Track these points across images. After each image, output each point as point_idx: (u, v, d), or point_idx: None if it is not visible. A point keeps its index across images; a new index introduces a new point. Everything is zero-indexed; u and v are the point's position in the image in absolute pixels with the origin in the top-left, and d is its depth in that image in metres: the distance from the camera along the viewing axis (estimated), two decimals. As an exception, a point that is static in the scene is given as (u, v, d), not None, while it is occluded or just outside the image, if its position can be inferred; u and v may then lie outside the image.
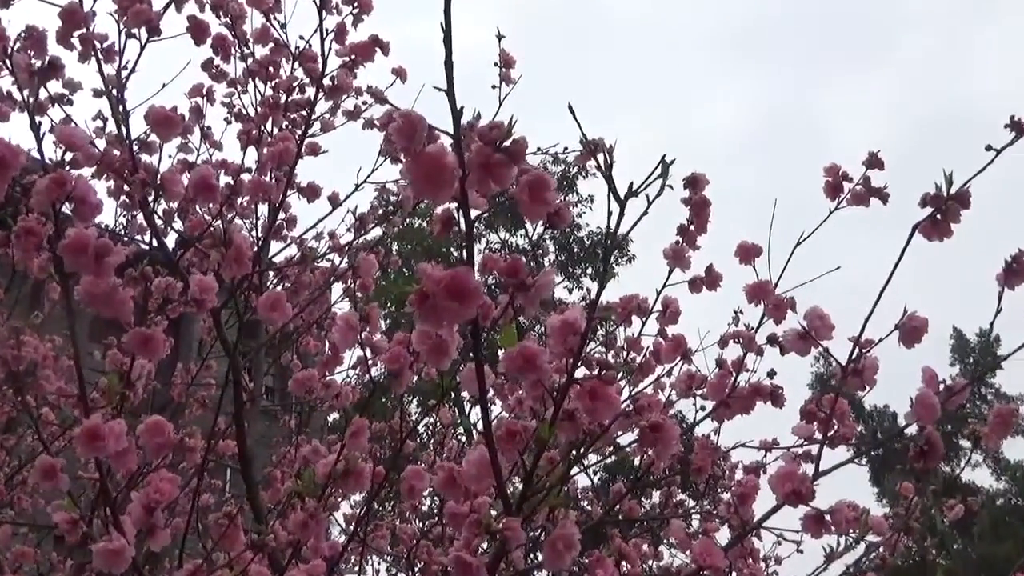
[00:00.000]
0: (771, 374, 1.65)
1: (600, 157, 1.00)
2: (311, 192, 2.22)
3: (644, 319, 1.75)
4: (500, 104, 2.25)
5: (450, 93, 0.81)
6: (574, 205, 14.27)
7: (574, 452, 1.37)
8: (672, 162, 0.98)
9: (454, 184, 0.78)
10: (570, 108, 0.96)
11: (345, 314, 1.26)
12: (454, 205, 0.84)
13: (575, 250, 14.04)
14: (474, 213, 0.82)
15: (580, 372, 0.95)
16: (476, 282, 0.78)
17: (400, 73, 2.47)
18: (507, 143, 0.77)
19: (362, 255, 1.63)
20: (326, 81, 1.98)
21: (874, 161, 1.61)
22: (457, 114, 0.80)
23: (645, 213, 0.99)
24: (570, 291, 13.92)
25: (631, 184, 0.95)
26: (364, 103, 2.61)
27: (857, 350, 1.23)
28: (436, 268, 0.80)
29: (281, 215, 2.23)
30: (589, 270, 13.97)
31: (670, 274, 1.64)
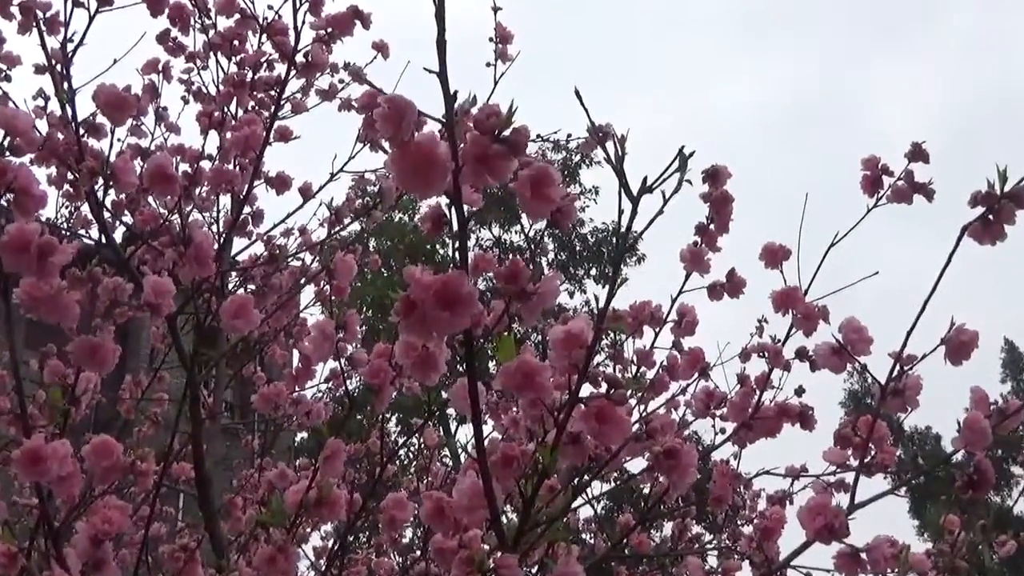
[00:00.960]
0: (799, 392, 1.65)
1: (609, 146, 1.01)
2: (280, 183, 2.23)
3: (657, 329, 1.75)
4: (495, 85, 2.27)
5: (442, 75, 0.81)
6: (577, 197, 14.32)
7: (577, 480, 1.38)
8: (691, 154, 0.99)
9: (446, 178, 0.79)
10: (576, 93, 0.97)
11: (320, 322, 1.27)
12: (445, 201, 0.85)
13: (577, 248, 14.08)
14: (469, 210, 0.83)
15: (585, 389, 0.96)
16: (470, 288, 0.79)
17: (381, 48, 2.48)
18: (506, 132, 0.78)
19: (338, 256, 1.63)
20: (298, 57, 1.99)
21: (918, 153, 1.62)
22: (450, 99, 0.81)
23: (660, 212, 1.00)
24: (571, 295, 13.96)
25: (645, 179, 0.96)
26: (341, 81, 2.63)
27: (898, 367, 1.24)
28: (425, 273, 0.81)
29: (246, 208, 2.23)
30: (593, 271, 14.01)
31: (687, 279, 1.65)
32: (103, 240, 1.94)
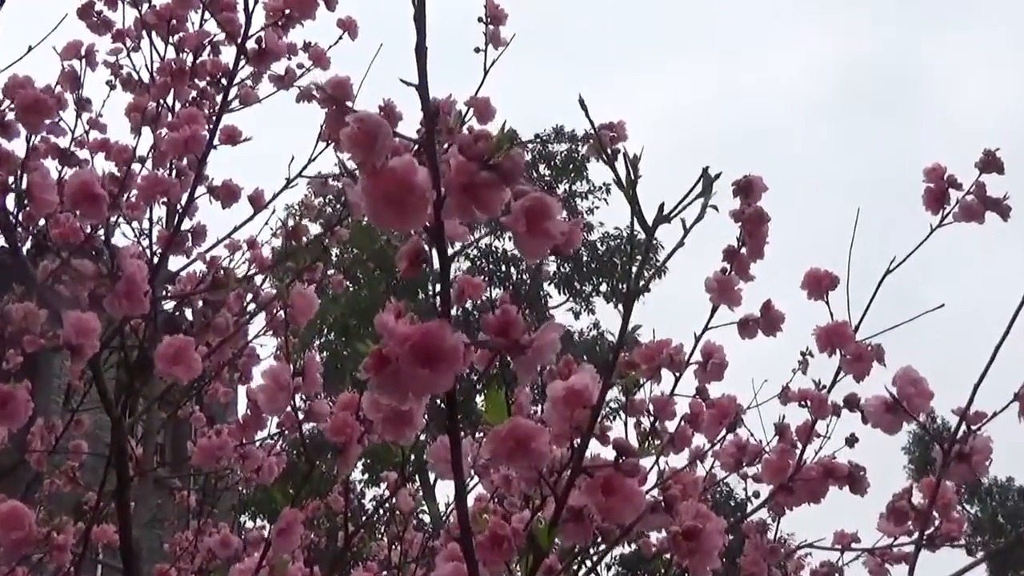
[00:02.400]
0: (851, 442, 1.67)
1: (619, 165, 1.04)
2: (227, 193, 2.24)
3: (678, 374, 1.77)
4: (485, 74, 2.29)
5: (422, 89, 0.83)
6: (583, 196, 14.35)
7: (581, 558, 1.40)
8: (717, 176, 1.01)
9: (426, 210, 0.81)
10: (581, 103, 1.00)
11: (273, 369, 1.28)
12: (423, 232, 0.87)
13: (584, 259, 14.09)
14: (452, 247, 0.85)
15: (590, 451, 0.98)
16: (455, 342, 0.80)
17: (348, 27, 2.50)
18: (497, 157, 0.80)
19: (296, 290, 1.65)
20: (250, 43, 2.01)
21: (990, 162, 1.65)
22: (432, 118, 0.83)
23: (680, 244, 1.02)
24: (577, 315, 13.97)
25: (661, 207, 0.99)
26: (300, 66, 2.65)
27: (964, 427, 1.26)
28: (400, 322, 0.83)
29: (186, 222, 2.25)
30: (603, 287, 14.01)
31: (713, 313, 1.67)
32: (8, 256, 1.95)
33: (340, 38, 2.51)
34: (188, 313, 2.50)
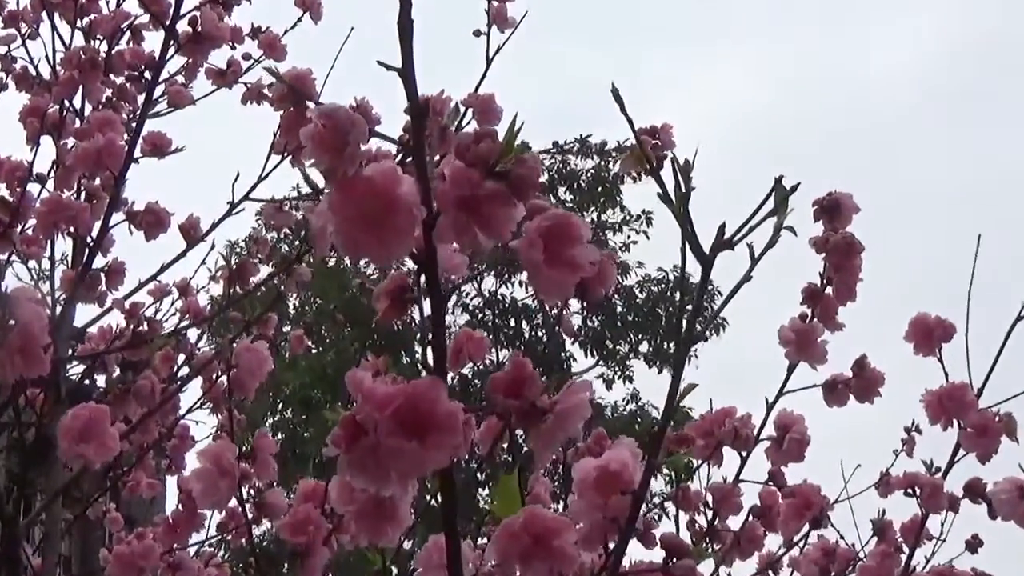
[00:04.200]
0: (973, 545, 1.66)
1: (666, 176, 1.03)
2: (152, 220, 2.24)
3: (745, 453, 1.76)
4: (488, 63, 2.29)
5: (407, 75, 0.83)
6: (616, 228, 14.29)
7: None
8: (794, 188, 1.01)
9: (412, 233, 0.80)
10: (615, 95, 1.00)
11: (214, 450, 1.28)
12: (409, 264, 0.86)
13: (618, 310, 14.01)
14: (448, 283, 0.84)
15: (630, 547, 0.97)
16: (451, 406, 0.80)
17: (309, 6, 2.52)
18: (506, 163, 0.80)
19: (243, 346, 1.64)
20: (181, 26, 2.02)
21: None
22: (420, 111, 0.83)
23: (747, 279, 1.01)
24: (609, 383, 13.89)
25: (722, 228, 0.98)
26: (247, 56, 2.66)
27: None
28: (379, 381, 0.82)
29: (98, 259, 2.25)
30: (643, 346, 13.90)
31: (791, 373, 1.66)
32: None
33: (299, 20, 2.52)
34: (100, 380, 2.49)
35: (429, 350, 0.85)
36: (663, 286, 13.90)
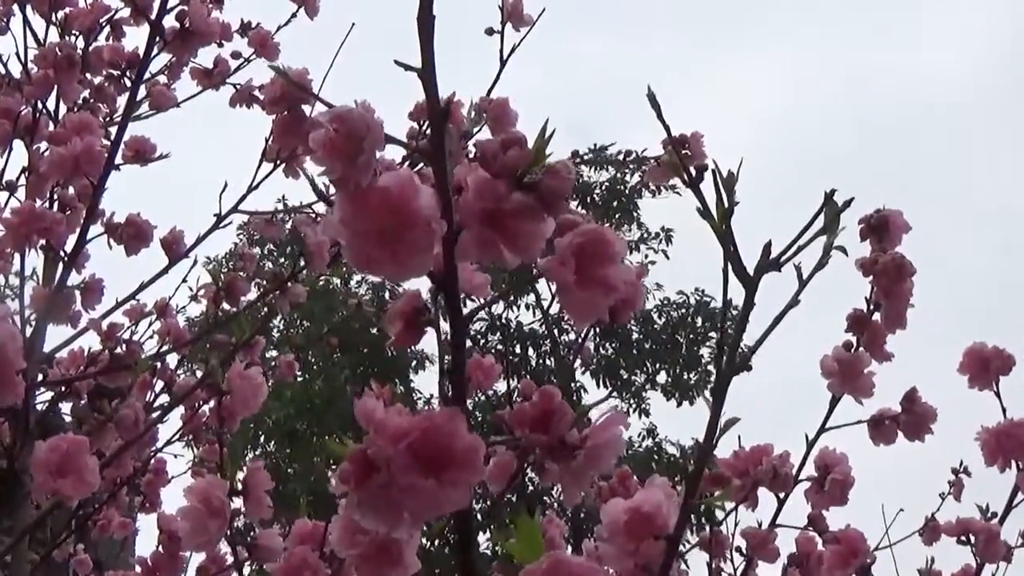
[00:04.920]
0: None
1: (707, 187, 1.03)
2: (133, 233, 2.23)
3: (783, 495, 1.75)
4: (502, 65, 2.29)
5: (427, 74, 0.83)
6: (634, 247, 14.26)
7: None
8: (847, 204, 1.00)
9: (431, 250, 0.80)
10: (651, 99, 0.99)
11: (201, 485, 1.27)
12: (427, 285, 0.86)
13: (634, 337, 13.96)
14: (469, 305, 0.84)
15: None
16: (471, 440, 0.79)
17: (305, 1, 2.52)
18: (536, 173, 0.79)
19: (235, 371, 1.64)
20: (167, 21, 2.02)
21: None
22: (442, 113, 0.82)
23: (795, 303, 1.01)
24: (624, 415, 13.87)
25: (767, 246, 0.97)
26: (236, 55, 2.66)
27: None
28: (391, 411, 0.81)
29: (73, 275, 2.24)
30: (662, 376, 13.85)
31: (833, 407, 1.65)
32: None
33: (293, 16, 2.52)
34: (66, 409, 2.48)
35: (447, 379, 0.84)
36: (683, 311, 13.84)
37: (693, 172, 1.06)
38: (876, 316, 1.61)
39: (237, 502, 1.39)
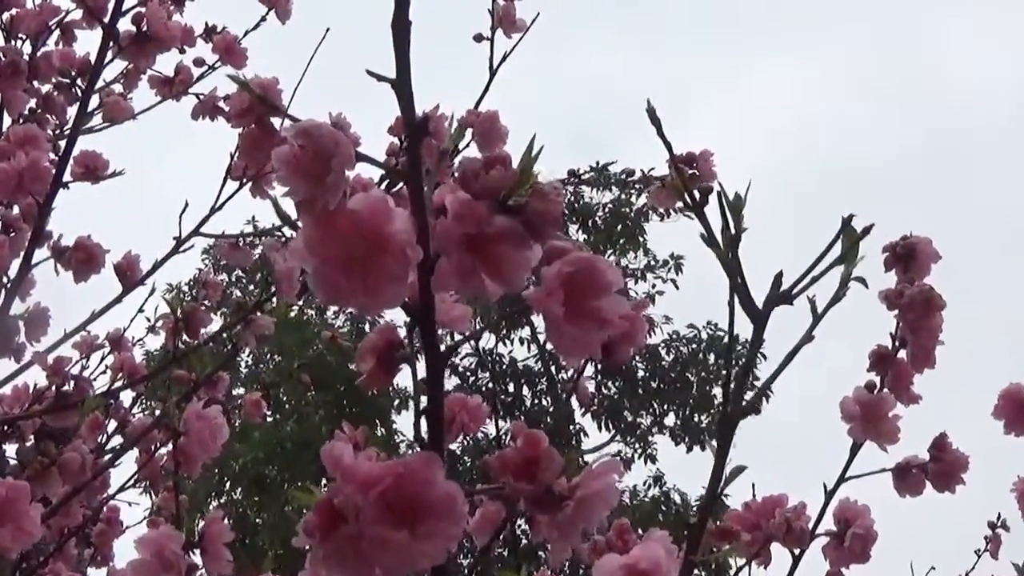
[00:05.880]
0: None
1: (712, 210, 1.04)
2: (83, 257, 2.24)
3: (799, 551, 1.75)
4: (492, 75, 2.30)
5: (402, 85, 0.83)
6: (639, 276, 14.23)
7: None
8: (868, 230, 1.02)
9: (406, 278, 0.80)
10: (651, 115, 1.00)
11: (155, 537, 1.28)
12: (402, 319, 0.86)
13: (639, 374, 13.91)
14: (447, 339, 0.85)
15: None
16: (451, 489, 0.79)
17: (276, 3, 2.53)
18: (522, 195, 0.80)
19: (192, 411, 1.64)
20: (123, 24, 2.02)
21: None
22: (418, 129, 0.83)
23: (808, 339, 1.02)
24: (628, 462, 13.81)
25: (778, 276, 0.99)
26: (199, 62, 2.67)
27: None
28: (360, 456, 0.82)
29: (17, 304, 2.25)
30: (669, 418, 13.81)
31: (854, 454, 1.66)
32: None
33: (263, 20, 2.54)
34: (9, 450, 2.48)
35: (423, 420, 0.85)
36: (694, 346, 13.78)
37: (696, 195, 1.06)
38: (902, 354, 1.61)
39: (196, 556, 1.40)
